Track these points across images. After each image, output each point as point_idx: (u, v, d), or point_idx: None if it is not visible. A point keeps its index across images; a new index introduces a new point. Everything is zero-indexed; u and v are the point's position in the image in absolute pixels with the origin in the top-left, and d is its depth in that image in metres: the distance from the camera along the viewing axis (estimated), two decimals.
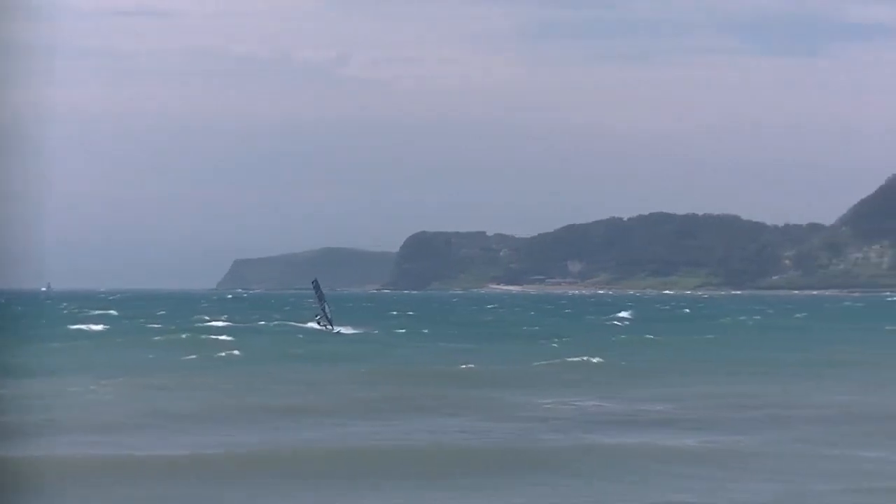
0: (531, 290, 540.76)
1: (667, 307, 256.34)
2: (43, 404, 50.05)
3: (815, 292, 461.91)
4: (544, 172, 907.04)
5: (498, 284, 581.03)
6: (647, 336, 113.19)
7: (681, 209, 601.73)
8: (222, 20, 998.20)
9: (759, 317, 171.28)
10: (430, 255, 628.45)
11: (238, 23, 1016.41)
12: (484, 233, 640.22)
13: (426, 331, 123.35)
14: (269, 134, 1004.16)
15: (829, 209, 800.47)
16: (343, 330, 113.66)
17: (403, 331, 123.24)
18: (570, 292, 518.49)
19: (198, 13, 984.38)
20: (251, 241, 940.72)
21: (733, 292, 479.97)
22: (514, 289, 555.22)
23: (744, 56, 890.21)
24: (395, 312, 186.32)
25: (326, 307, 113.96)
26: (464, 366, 74.24)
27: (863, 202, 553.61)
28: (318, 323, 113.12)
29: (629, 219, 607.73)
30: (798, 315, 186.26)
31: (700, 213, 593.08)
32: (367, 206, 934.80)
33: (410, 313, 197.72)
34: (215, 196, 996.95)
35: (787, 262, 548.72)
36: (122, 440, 41.25)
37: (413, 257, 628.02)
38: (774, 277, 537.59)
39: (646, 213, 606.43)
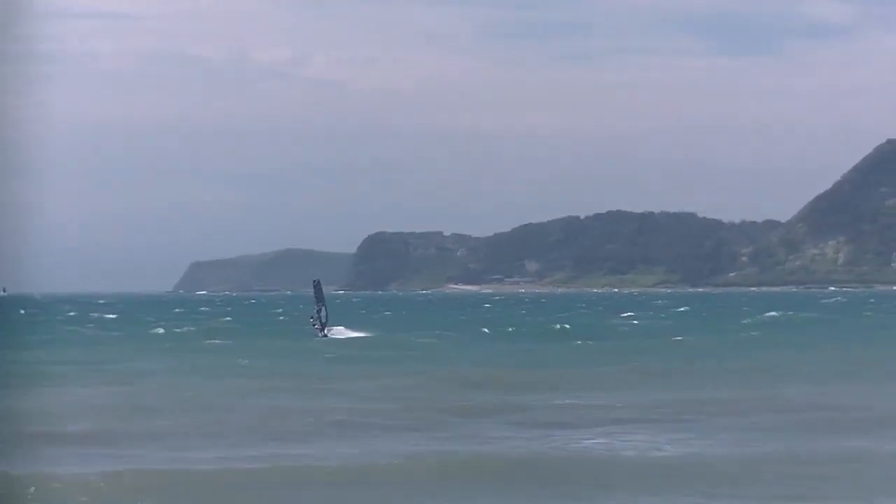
0: (489, 289, 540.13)
1: (660, 302, 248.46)
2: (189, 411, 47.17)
3: (776, 289, 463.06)
4: (500, 172, 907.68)
5: (456, 284, 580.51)
6: (678, 338, 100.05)
7: (637, 207, 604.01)
8: (179, 22, 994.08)
9: (787, 312, 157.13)
10: (387, 255, 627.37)
11: (195, 24, 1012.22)
12: (441, 233, 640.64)
13: (452, 334, 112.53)
14: (225, 134, 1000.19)
15: (785, 206, 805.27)
16: (336, 334, 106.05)
17: (430, 339, 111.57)
18: (534, 291, 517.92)
19: (153, 15, 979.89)
20: (208, 242, 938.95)
21: (690, 290, 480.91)
22: (472, 288, 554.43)
23: (700, 56, 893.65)
24: (388, 313, 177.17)
25: (324, 310, 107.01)
26: (555, 369, 67.90)
27: (818, 198, 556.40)
28: (313, 326, 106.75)
29: (586, 217, 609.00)
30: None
31: (657, 210, 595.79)
32: (325, 207, 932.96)
33: (404, 313, 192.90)
34: (171, 197, 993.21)
35: (743, 258, 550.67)
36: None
37: (370, 258, 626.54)
38: (731, 274, 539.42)
39: (602, 211, 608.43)
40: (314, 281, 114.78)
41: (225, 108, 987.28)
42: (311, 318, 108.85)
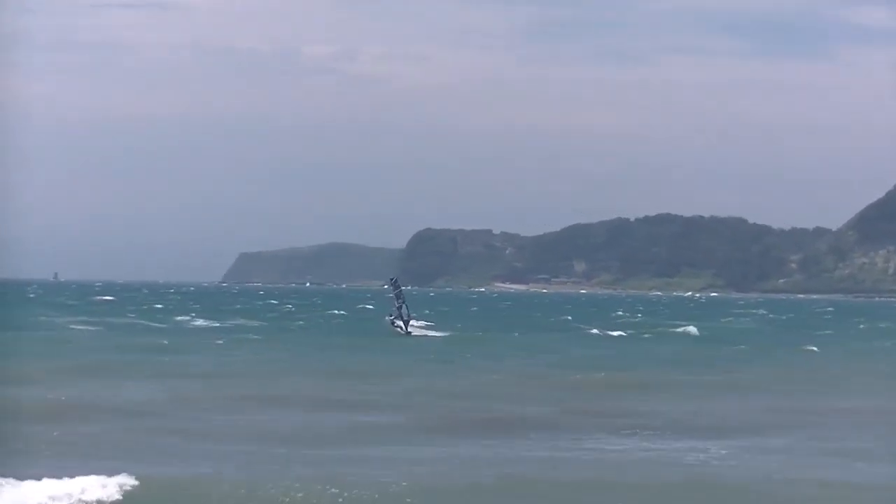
0: (535, 288, 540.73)
1: (738, 310, 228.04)
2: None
3: (824, 296, 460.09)
4: (550, 171, 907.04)
5: (503, 283, 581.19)
6: (809, 347, 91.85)
7: (687, 211, 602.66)
8: (228, 15, 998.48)
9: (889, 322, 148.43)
10: (434, 252, 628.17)
11: (244, 17, 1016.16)
12: (490, 231, 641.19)
13: (557, 335, 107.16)
14: (273, 128, 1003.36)
15: (835, 214, 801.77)
16: (416, 331, 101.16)
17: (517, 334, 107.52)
18: (580, 291, 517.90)
19: (203, 7, 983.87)
20: (256, 234, 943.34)
21: (736, 295, 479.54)
22: (519, 287, 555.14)
23: (755, 59, 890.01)
24: (446, 309, 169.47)
25: (405, 306, 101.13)
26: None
27: (870, 207, 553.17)
28: (392, 323, 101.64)
29: (635, 219, 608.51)
30: None
31: (706, 214, 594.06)
32: (372, 202, 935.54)
33: (474, 309, 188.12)
34: (219, 190, 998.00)
35: (792, 265, 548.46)
36: None
37: (418, 254, 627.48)
38: (779, 281, 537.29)
39: (651, 213, 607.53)
40: (391, 278, 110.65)
41: (273, 101, 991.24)
42: (391, 315, 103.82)
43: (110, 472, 27.58)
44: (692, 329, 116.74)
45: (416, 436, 39.22)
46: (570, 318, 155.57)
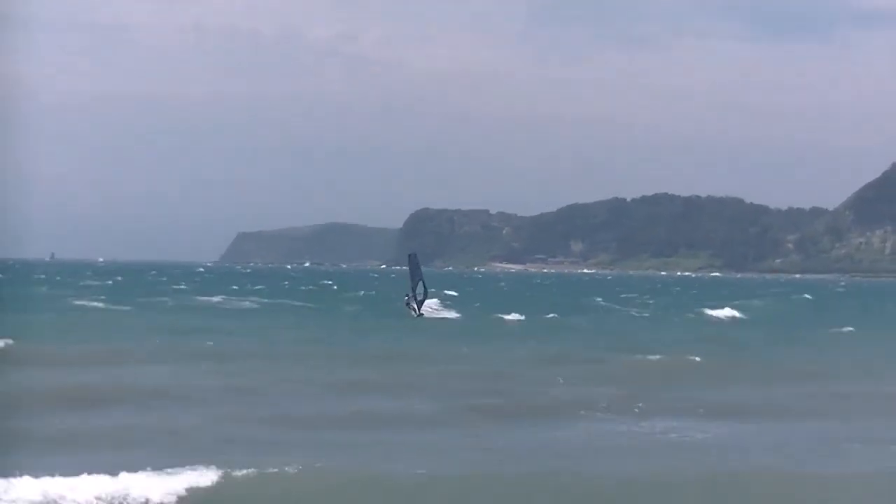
0: (533, 269, 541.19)
1: (772, 289, 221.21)
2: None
3: (820, 276, 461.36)
4: (547, 152, 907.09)
5: (500, 263, 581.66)
6: (848, 328, 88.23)
7: (684, 191, 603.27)
8: None
9: None
10: (432, 232, 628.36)
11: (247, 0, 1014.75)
12: (487, 211, 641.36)
13: (578, 316, 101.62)
14: (275, 109, 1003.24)
15: (832, 194, 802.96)
16: (431, 313, 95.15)
17: (553, 315, 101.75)
18: (579, 272, 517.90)
19: None
20: (254, 214, 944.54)
21: (736, 275, 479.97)
22: (516, 267, 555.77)
23: (750, 41, 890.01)
24: (454, 293, 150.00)
25: (421, 285, 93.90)
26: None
27: (867, 187, 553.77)
28: (408, 305, 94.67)
29: (632, 200, 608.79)
30: None
31: (703, 195, 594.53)
32: (371, 182, 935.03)
33: (505, 285, 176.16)
34: (218, 170, 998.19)
35: (789, 245, 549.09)
36: None
37: (415, 234, 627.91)
38: (777, 261, 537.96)
39: (649, 193, 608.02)
40: (410, 255, 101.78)
41: (274, 83, 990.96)
42: (407, 295, 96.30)
43: (193, 464, 25.49)
44: (731, 311, 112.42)
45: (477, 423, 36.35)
46: (599, 298, 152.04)
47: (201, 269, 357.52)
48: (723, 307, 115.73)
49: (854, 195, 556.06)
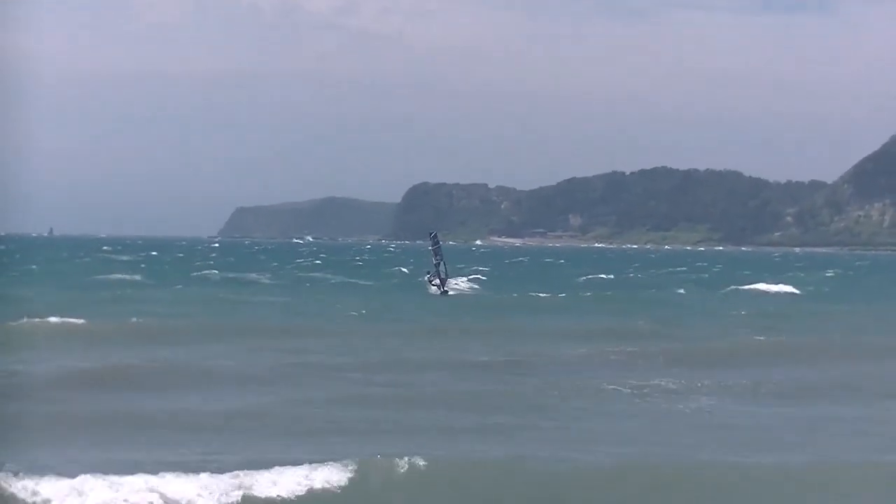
0: (532, 243, 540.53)
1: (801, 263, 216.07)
2: None
3: (820, 249, 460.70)
4: (546, 126, 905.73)
5: (499, 237, 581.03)
6: None
7: (682, 164, 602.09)
8: None
9: None
10: (430, 206, 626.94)
11: None
12: (485, 185, 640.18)
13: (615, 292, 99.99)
14: (272, 83, 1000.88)
15: (831, 167, 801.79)
16: (454, 289, 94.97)
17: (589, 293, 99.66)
18: (578, 245, 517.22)
19: None
20: (253, 189, 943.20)
21: (737, 248, 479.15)
22: (515, 241, 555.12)
23: (750, 13, 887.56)
24: (461, 265, 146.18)
25: (443, 264, 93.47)
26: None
27: (865, 160, 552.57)
28: (430, 282, 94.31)
29: (630, 173, 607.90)
30: None
31: (702, 168, 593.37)
32: (369, 156, 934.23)
33: (522, 258, 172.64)
34: (216, 144, 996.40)
35: (788, 218, 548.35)
36: None
37: (414, 208, 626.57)
38: (775, 234, 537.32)
39: (647, 167, 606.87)
40: (430, 232, 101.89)
41: (273, 57, 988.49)
42: (429, 273, 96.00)
43: (311, 457, 24.32)
44: (789, 287, 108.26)
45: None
46: (637, 274, 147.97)
47: (216, 244, 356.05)
48: (776, 283, 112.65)
49: (853, 168, 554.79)
